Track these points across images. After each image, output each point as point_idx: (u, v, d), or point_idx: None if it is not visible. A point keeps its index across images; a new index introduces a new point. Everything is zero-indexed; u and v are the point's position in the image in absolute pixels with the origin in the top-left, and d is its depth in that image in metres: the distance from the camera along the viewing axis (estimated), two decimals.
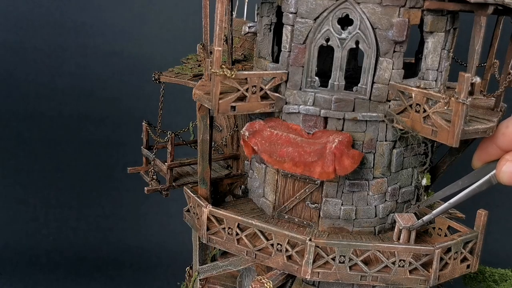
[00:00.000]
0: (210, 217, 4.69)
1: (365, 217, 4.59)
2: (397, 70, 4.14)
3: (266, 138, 4.30)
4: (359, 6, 4.00)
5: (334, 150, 4.01)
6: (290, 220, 4.74)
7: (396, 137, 4.35)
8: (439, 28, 4.13)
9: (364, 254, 4.20)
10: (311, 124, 4.33)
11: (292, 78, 4.34)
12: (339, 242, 4.19)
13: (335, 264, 4.19)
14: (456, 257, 4.35)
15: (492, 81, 5.04)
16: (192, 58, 6.34)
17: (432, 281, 4.22)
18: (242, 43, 6.09)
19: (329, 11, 4.08)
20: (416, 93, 3.94)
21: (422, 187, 4.86)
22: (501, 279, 5.42)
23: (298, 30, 4.20)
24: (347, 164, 4.07)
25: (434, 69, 4.30)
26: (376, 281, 4.22)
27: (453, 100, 3.58)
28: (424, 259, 4.21)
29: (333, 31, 4.12)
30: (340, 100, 4.20)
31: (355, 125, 4.26)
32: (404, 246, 4.25)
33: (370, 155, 4.37)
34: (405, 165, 4.59)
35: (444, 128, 3.71)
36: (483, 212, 4.45)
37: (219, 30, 3.92)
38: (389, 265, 4.18)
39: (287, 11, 4.23)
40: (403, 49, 4.09)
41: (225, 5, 3.94)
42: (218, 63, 3.98)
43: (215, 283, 5.84)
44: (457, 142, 3.66)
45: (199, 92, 4.45)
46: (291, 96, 4.38)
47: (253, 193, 5.18)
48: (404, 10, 3.97)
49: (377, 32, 4.05)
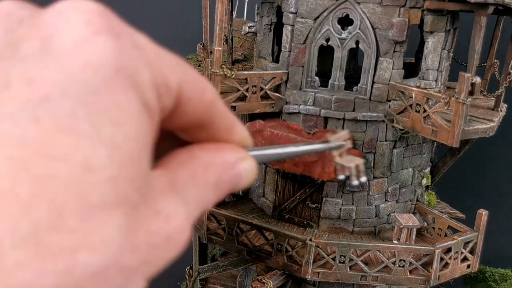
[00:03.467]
0: (210, 217, 4.69)
1: (365, 217, 4.59)
2: (397, 70, 4.14)
3: (266, 138, 4.31)
4: (359, 6, 4.00)
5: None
6: (290, 220, 4.74)
7: (396, 137, 4.35)
8: (439, 28, 4.13)
9: (364, 254, 4.20)
10: (311, 124, 4.33)
11: (292, 78, 4.34)
12: (339, 242, 4.19)
13: (335, 264, 4.19)
14: (456, 257, 4.35)
15: (492, 81, 5.04)
16: (192, 58, 6.34)
17: (432, 281, 4.22)
18: (242, 43, 6.09)
19: (329, 11, 4.08)
20: (416, 93, 3.94)
21: (422, 187, 4.86)
22: (501, 279, 5.42)
23: (298, 30, 4.20)
24: None
25: (434, 69, 4.30)
26: (376, 281, 4.22)
27: (453, 100, 3.59)
28: (424, 259, 4.21)
29: (333, 31, 4.13)
30: (340, 100, 4.20)
31: (355, 125, 4.26)
32: (404, 246, 4.26)
33: (370, 155, 4.37)
34: (405, 165, 4.59)
35: (444, 128, 3.71)
36: (483, 212, 4.45)
37: (219, 30, 3.92)
38: (389, 265, 4.18)
39: (287, 11, 4.23)
40: (403, 49, 4.09)
41: (225, 5, 3.95)
42: (218, 63, 3.98)
43: (215, 283, 5.84)
44: (457, 142, 3.66)
45: None
46: (291, 96, 4.38)
47: (253, 193, 5.18)
48: (404, 10, 3.97)
49: (377, 32, 4.05)
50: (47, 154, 0.33)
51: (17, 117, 0.34)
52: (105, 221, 0.35)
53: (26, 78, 0.35)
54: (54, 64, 0.36)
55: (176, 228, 0.41)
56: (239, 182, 0.51)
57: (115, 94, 0.37)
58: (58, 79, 0.36)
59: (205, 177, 0.47)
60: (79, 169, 0.34)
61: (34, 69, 0.36)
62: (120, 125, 0.37)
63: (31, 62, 0.37)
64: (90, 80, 0.36)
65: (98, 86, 0.36)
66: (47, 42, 0.38)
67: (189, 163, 0.47)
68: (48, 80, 0.35)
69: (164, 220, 0.40)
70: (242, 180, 0.51)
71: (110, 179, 0.35)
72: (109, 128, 0.36)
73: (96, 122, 0.36)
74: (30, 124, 0.34)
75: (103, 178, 0.35)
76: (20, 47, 0.38)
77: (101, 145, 0.35)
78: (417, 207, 4.88)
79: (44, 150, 0.33)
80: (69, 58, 0.37)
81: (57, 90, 0.35)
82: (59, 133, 0.34)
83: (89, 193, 0.34)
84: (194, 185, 0.46)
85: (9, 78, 0.35)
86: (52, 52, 0.37)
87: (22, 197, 0.32)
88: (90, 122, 0.35)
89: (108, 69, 0.37)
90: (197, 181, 0.46)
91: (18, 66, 0.36)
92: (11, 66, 0.36)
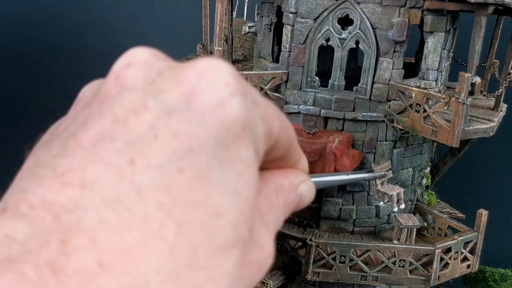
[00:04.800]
0: None
1: (365, 217, 4.59)
2: (397, 70, 4.14)
3: None
4: (359, 6, 4.00)
5: (334, 150, 4.01)
6: (290, 220, 4.74)
7: (396, 137, 4.35)
8: (439, 28, 4.13)
9: (364, 254, 4.20)
10: (311, 124, 4.33)
11: (292, 78, 4.34)
12: (339, 242, 4.19)
13: (335, 264, 4.19)
14: (456, 257, 4.35)
15: (492, 81, 5.04)
16: (192, 58, 6.34)
17: (432, 281, 4.22)
18: (242, 43, 6.09)
19: (329, 11, 4.08)
20: (416, 93, 3.94)
21: (423, 187, 4.87)
22: (501, 279, 5.42)
23: (298, 30, 4.20)
24: (347, 164, 4.07)
25: (434, 69, 4.30)
26: (376, 281, 4.22)
27: (453, 100, 3.59)
28: (424, 259, 4.21)
29: (333, 31, 4.13)
30: (340, 100, 4.20)
31: (355, 125, 4.26)
32: (404, 246, 4.26)
33: (370, 155, 4.37)
34: (405, 165, 4.59)
35: (444, 128, 3.71)
36: (483, 212, 4.45)
37: (219, 30, 3.92)
38: (389, 265, 4.18)
39: (287, 11, 4.23)
40: (403, 49, 4.10)
41: (225, 5, 3.95)
42: None
43: None
44: (457, 142, 3.66)
45: None
46: (291, 96, 4.38)
47: None
48: (404, 10, 3.97)
49: (377, 32, 4.05)
50: (188, 201, 0.39)
51: (165, 167, 0.39)
52: (225, 258, 0.40)
53: (172, 131, 0.40)
54: (196, 120, 0.41)
55: (267, 255, 0.48)
56: (301, 202, 0.60)
57: (239, 147, 0.43)
58: (199, 134, 0.41)
59: (277, 200, 0.54)
60: (211, 214, 0.40)
61: (179, 123, 0.41)
62: (241, 174, 0.43)
63: (176, 116, 0.41)
64: (223, 136, 0.42)
65: (228, 141, 0.42)
66: (190, 99, 0.43)
67: (264, 188, 0.53)
68: (190, 134, 0.41)
69: (259, 251, 0.47)
70: (303, 200, 0.60)
71: (233, 223, 0.41)
72: (234, 177, 0.42)
73: (225, 172, 0.41)
74: (176, 173, 0.39)
75: (228, 222, 0.41)
76: (163, 100, 0.42)
77: (228, 192, 0.41)
78: (417, 207, 4.88)
79: (186, 197, 0.39)
80: (209, 116, 0.42)
81: (198, 143, 0.40)
82: (198, 182, 0.39)
83: (216, 236, 0.40)
84: (272, 211, 0.52)
85: (156, 129, 0.40)
86: (194, 108, 0.42)
87: (168, 239, 0.37)
88: (220, 172, 0.41)
89: (237, 126, 0.43)
90: (273, 206, 0.53)
91: (164, 119, 0.41)
92: (157, 117, 0.41)
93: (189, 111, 0.42)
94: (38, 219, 0.36)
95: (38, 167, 0.41)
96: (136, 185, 0.38)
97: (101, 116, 0.41)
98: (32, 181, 0.39)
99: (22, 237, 0.35)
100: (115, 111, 0.41)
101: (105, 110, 0.42)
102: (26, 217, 0.36)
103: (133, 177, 0.38)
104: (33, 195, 0.38)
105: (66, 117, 0.48)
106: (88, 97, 0.48)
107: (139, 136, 0.40)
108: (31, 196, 0.38)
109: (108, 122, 0.41)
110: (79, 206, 0.37)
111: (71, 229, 0.36)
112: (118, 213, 0.37)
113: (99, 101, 0.44)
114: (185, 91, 0.43)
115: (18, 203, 0.37)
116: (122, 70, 0.45)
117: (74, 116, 0.46)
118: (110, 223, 0.36)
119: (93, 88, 0.50)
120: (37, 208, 0.37)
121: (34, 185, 0.38)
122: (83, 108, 0.46)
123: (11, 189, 0.41)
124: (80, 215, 0.36)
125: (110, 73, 0.46)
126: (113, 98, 0.43)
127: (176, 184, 0.38)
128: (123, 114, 0.41)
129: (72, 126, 0.43)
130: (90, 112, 0.43)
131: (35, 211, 0.37)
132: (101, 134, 0.40)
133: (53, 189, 0.38)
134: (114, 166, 0.38)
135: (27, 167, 0.43)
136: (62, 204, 0.37)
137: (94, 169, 0.38)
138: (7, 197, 0.40)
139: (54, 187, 0.38)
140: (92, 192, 0.37)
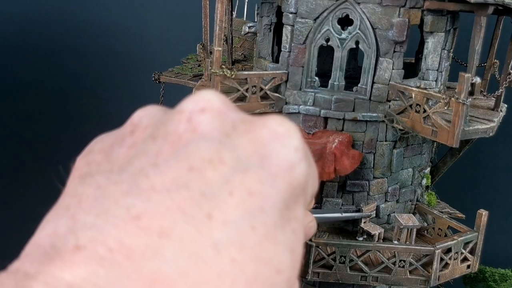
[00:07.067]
0: None
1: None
2: (397, 70, 4.14)
3: None
4: (359, 6, 4.00)
5: (334, 150, 4.01)
6: None
7: (396, 137, 4.35)
8: (439, 28, 4.13)
9: (364, 255, 4.20)
10: (311, 124, 4.33)
11: (292, 78, 4.34)
12: (339, 242, 4.19)
13: (335, 264, 4.19)
14: (456, 257, 4.35)
15: (492, 81, 5.04)
16: (192, 58, 6.33)
17: (432, 281, 4.22)
18: (242, 43, 6.09)
19: (329, 11, 4.08)
20: (416, 93, 3.94)
21: (423, 187, 4.87)
22: (501, 279, 5.42)
23: (298, 30, 4.20)
24: (347, 164, 4.07)
25: (434, 69, 4.30)
26: (376, 281, 4.22)
27: (453, 100, 3.58)
28: (424, 260, 4.21)
29: (333, 31, 4.13)
30: (340, 100, 4.20)
31: (355, 125, 4.26)
32: (404, 246, 4.26)
33: (370, 155, 4.37)
34: (405, 165, 4.59)
35: (444, 128, 3.71)
36: (483, 212, 4.45)
37: (219, 30, 3.92)
38: (389, 265, 4.18)
39: (287, 11, 4.23)
40: (403, 49, 4.09)
41: (225, 5, 3.95)
42: (218, 63, 3.98)
43: None
44: (457, 142, 3.66)
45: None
46: (291, 96, 4.38)
47: None
48: (404, 10, 3.97)
49: (377, 32, 4.05)
50: (258, 258, 0.41)
51: (240, 224, 0.40)
52: None
53: (248, 189, 0.42)
54: (269, 180, 0.44)
55: None
56: (308, 235, 0.65)
57: (296, 207, 0.46)
58: (271, 194, 0.43)
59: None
60: (274, 271, 0.42)
61: (253, 182, 0.43)
62: (296, 232, 0.46)
63: (250, 174, 0.43)
64: (288, 197, 0.45)
65: (291, 202, 0.45)
66: (264, 159, 0.45)
67: None
68: (263, 193, 0.43)
69: None
70: (310, 234, 0.66)
71: (288, 279, 0.43)
72: (291, 235, 0.45)
73: (285, 231, 0.44)
74: (249, 231, 0.41)
75: (285, 279, 0.43)
76: (238, 155, 0.44)
77: (287, 251, 0.44)
78: (417, 207, 4.88)
79: (256, 255, 0.41)
80: (281, 178, 0.45)
81: (269, 203, 0.42)
82: (267, 240, 0.42)
83: None
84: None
85: (232, 184, 0.42)
86: (267, 169, 0.44)
87: None
88: (282, 231, 0.44)
89: (299, 188, 0.46)
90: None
91: (239, 175, 0.42)
92: (232, 172, 0.42)
93: (262, 170, 0.44)
94: (117, 264, 0.36)
95: (106, 200, 0.40)
96: (213, 239, 0.39)
97: (176, 161, 0.41)
98: (104, 219, 0.38)
99: (103, 284, 0.35)
100: (191, 159, 0.41)
101: (181, 155, 0.42)
102: (105, 261, 0.36)
103: (210, 232, 0.39)
104: (110, 237, 0.37)
105: (122, 141, 0.47)
106: (146, 127, 0.47)
107: (215, 190, 0.41)
108: (107, 237, 0.37)
109: (184, 169, 0.41)
110: (158, 255, 0.36)
111: (152, 279, 0.35)
112: (197, 267, 0.37)
113: (170, 142, 0.43)
114: (259, 150, 0.45)
115: (95, 244, 0.37)
116: (195, 114, 0.45)
117: (135, 146, 0.45)
118: (190, 277, 0.37)
119: (152, 117, 0.49)
120: (115, 253, 0.36)
121: (108, 224, 0.38)
122: (146, 141, 0.45)
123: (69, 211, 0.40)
124: (160, 265, 0.36)
125: (179, 112, 0.45)
126: (188, 144, 0.42)
127: (248, 241, 0.40)
128: (199, 163, 0.41)
129: (138, 161, 0.42)
130: (160, 151, 0.43)
131: (113, 256, 0.36)
132: (176, 181, 0.40)
133: (130, 233, 0.37)
134: (192, 218, 0.39)
135: (87, 193, 0.42)
136: (141, 251, 0.36)
137: (171, 217, 0.38)
138: (72, 224, 0.39)
139: (131, 231, 0.37)
140: (171, 242, 0.37)
